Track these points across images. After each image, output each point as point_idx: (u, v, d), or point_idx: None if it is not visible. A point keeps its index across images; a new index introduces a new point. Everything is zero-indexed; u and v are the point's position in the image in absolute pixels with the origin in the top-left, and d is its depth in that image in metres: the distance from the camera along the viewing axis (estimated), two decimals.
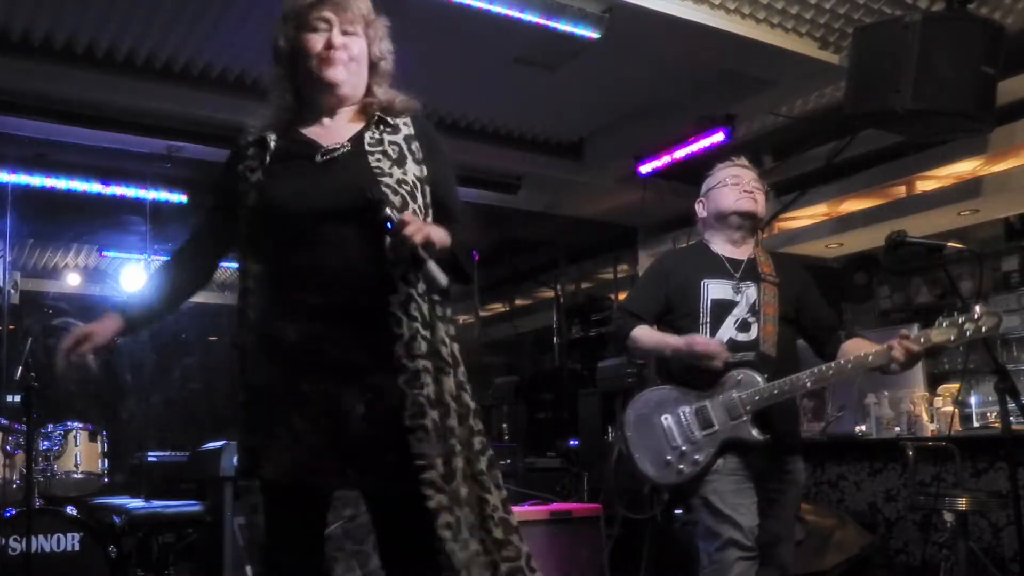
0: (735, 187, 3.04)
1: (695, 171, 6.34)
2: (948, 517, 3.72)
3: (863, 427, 4.80)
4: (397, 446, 1.83)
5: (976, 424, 4.83)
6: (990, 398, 4.63)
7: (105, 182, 6.03)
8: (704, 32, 4.44)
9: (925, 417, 4.64)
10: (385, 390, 1.85)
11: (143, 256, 7.08)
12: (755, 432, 2.82)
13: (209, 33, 4.72)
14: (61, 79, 4.86)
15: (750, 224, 3.04)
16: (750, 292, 2.95)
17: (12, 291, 6.56)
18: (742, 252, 3.03)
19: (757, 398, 2.82)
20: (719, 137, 5.54)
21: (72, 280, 8.36)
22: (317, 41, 1.99)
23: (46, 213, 6.68)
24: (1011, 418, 2.85)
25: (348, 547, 3.37)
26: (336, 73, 1.99)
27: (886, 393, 4.81)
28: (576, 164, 6.43)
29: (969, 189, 5.51)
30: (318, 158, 1.96)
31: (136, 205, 6.34)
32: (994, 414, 4.53)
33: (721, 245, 3.05)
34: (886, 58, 4.04)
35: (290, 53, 2.02)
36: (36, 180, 5.85)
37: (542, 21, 4.21)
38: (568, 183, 6.59)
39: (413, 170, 1.97)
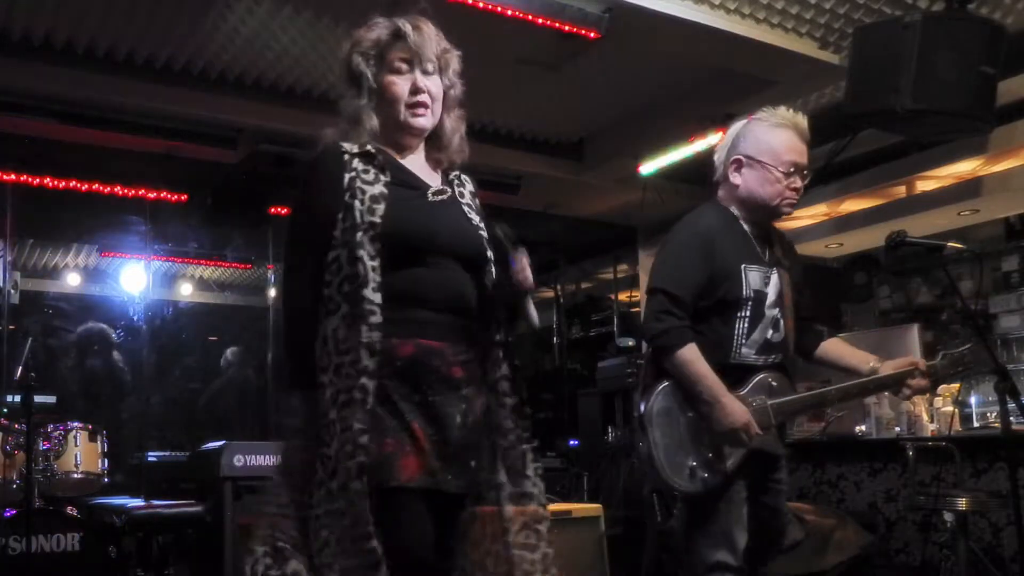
0: (786, 180, 2.61)
1: (695, 171, 6.38)
2: (948, 517, 3.71)
3: (863, 427, 4.80)
4: (479, 455, 2.05)
5: (976, 424, 4.84)
6: (990, 398, 4.63)
7: (105, 182, 6.03)
8: (704, 32, 4.44)
9: (925, 417, 4.64)
10: (476, 403, 2.04)
11: (143, 256, 7.08)
12: (780, 444, 2.60)
13: (209, 33, 4.72)
14: (61, 79, 4.86)
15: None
16: (774, 280, 2.66)
17: (12, 291, 6.56)
18: (764, 232, 2.75)
19: (787, 409, 2.61)
20: (719, 137, 5.54)
21: (72, 280, 8.35)
22: (403, 86, 2.06)
23: (46, 213, 6.68)
24: (1011, 418, 2.84)
25: None
26: (424, 121, 2.10)
27: (886, 393, 4.81)
28: (576, 164, 6.43)
29: (969, 189, 5.51)
30: (431, 196, 2.08)
31: (136, 205, 6.34)
32: (994, 414, 4.53)
33: (747, 223, 2.71)
34: (886, 58, 4.04)
35: (377, 92, 2.07)
36: (36, 180, 5.85)
37: (542, 21, 4.21)
38: (568, 183, 6.59)
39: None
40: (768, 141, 2.64)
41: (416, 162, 2.15)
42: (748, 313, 2.59)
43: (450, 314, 2.03)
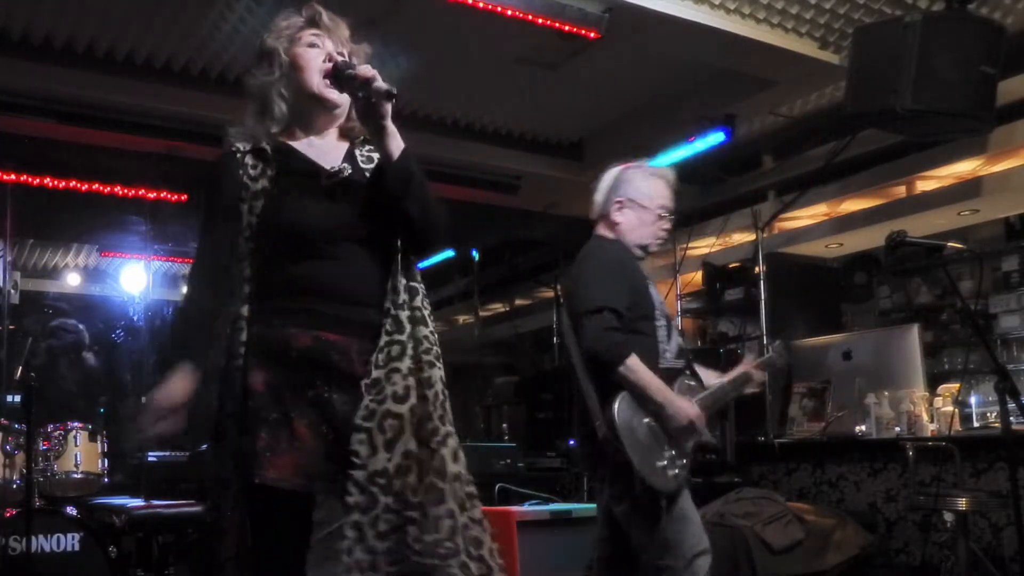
0: (662, 222, 3.01)
1: (695, 171, 6.38)
2: (948, 517, 3.72)
3: (863, 427, 4.80)
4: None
5: (976, 424, 4.83)
6: (990, 398, 4.63)
7: (105, 182, 6.03)
8: (704, 32, 4.44)
9: (925, 417, 4.64)
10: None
11: (143, 256, 7.08)
12: (712, 435, 2.91)
13: (209, 33, 4.72)
14: (61, 79, 4.86)
15: None
16: (660, 297, 2.98)
17: (12, 291, 6.55)
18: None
19: (703, 405, 2.86)
20: (719, 137, 5.55)
21: (72, 280, 8.36)
22: (315, 55, 2.03)
23: (46, 213, 6.68)
24: (1011, 418, 2.85)
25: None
26: (337, 96, 2.03)
27: (886, 393, 4.81)
28: (576, 164, 6.43)
29: (969, 189, 5.51)
30: (323, 181, 2.01)
31: (136, 205, 6.34)
32: (994, 414, 4.53)
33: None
34: (886, 58, 4.04)
35: (288, 64, 2.05)
36: (36, 180, 5.85)
37: (542, 21, 4.21)
38: (568, 183, 6.58)
39: None
40: (646, 187, 3.02)
41: (324, 142, 2.09)
42: (663, 323, 2.90)
43: (357, 307, 1.95)
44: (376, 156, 2.04)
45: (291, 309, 1.92)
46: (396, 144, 1.94)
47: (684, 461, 2.78)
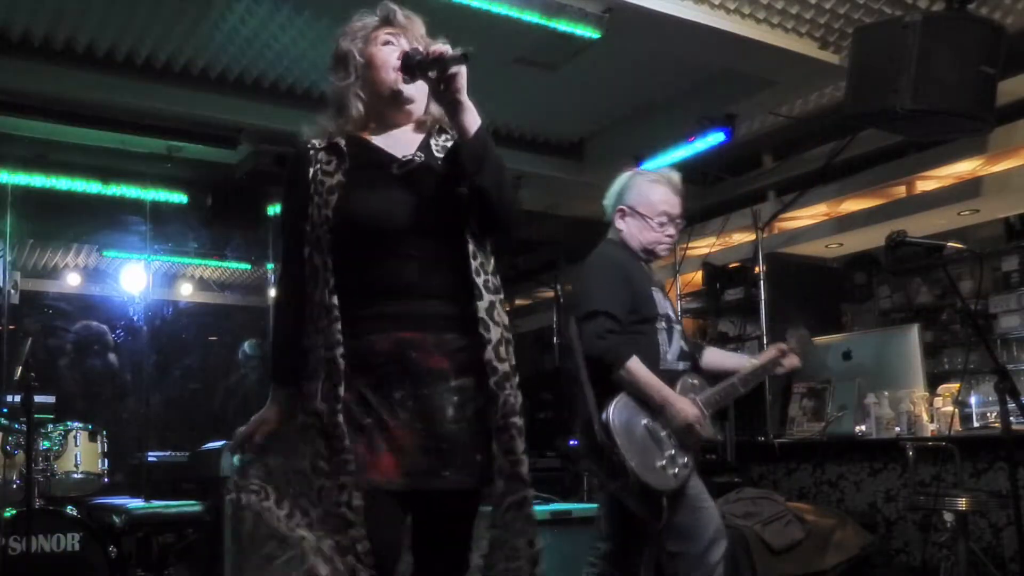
0: (667, 226, 3.06)
1: (695, 171, 6.37)
2: (948, 517, 3.71)
3: (863, 427, 4.80)
4: (484, 446, 1.95)
5: (976, 424, 4.83)
6: (990, 398, 4.62)
7: (105, 182, 6.03)
8: (704, 32, 4.44)
9: (925, 417, 4.64)
10: (471, 393, 1.96)
11: (143, 256, 7.08)
12: (715, 431, 3.01)
13: (209, 33, 4.72)
14: (61, 79, 4.86)
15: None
16: (665, 301, 3.05)
17: (12, 291, 6.56)
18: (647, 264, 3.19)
19: (712, 402, 2.96)
20: (719, 137, 5.55)
21: (72, 280, 8.34)
22: (390, 53, 2.04)
23: (46, 213, 6.68)
24: (1011, 418, 2.85)
25: None
26: (413, 89, 2.05)
27: (886, 393, 4.81)
28: (576, 164, 6.43)
29: (969, 189, 5.51)
30: (394, 170, 2.02)
31: (136, 205, 6.34)
32: (994, 414, 4.53)
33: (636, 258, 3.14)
34: (886, 58, 4.04)
35: (364, 65, 2.06)
36: (36, 180, 5.85)
37: (542, 21, 4.21)
38: (568, 183, 6.59)
39: None
40: (647, 195, 3.08)
41: (400, 133, 2.10)
42: (664, 326, 2.97)
43: (433, 300, 1.97)
44: (450, 146, 2.08)
45: (366, 316, 1.93)
46: (472, 119, 1.97)
47: (686, 459, 2.85)
